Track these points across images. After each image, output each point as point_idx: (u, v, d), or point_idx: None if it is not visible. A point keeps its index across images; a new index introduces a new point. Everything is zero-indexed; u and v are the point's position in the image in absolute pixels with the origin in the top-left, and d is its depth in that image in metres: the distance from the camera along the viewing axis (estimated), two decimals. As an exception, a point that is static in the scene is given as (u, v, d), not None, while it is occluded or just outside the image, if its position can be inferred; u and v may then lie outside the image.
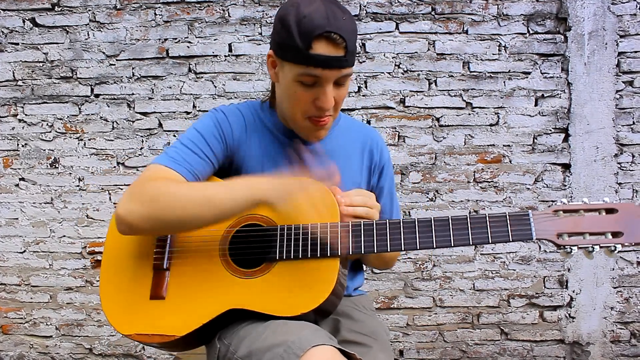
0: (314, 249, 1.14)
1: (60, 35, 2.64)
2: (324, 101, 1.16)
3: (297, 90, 1.17)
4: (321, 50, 1.10)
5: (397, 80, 2.62)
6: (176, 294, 1.19)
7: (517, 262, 2.64)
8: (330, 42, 1.10)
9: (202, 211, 1.11)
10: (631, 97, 2.60)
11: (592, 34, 2.57)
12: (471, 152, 2.63)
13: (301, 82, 1.16)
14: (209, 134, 1.26)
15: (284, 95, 1.23)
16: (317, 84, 1.15)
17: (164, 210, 1.11)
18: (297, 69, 1.14)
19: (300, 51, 1.11)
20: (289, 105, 1.22)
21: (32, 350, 2.72)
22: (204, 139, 1.24)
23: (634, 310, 2.65)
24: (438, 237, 1.11)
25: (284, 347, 0.99)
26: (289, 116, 1.25)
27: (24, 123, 2.67)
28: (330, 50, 1.11)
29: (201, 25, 2.62)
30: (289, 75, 1.17)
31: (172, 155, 1.21)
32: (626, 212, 1.05)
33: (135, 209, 1.12)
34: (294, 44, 1.11)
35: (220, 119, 1.30)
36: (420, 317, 2.67)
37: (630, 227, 1.03)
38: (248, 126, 1.32)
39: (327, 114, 1.20)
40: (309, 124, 1.22)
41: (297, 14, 1.11)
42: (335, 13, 1.12)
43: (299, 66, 1.13)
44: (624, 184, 2.61)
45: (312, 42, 1.10)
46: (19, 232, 2.68)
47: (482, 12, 2.60)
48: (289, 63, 1.15)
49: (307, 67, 1.12)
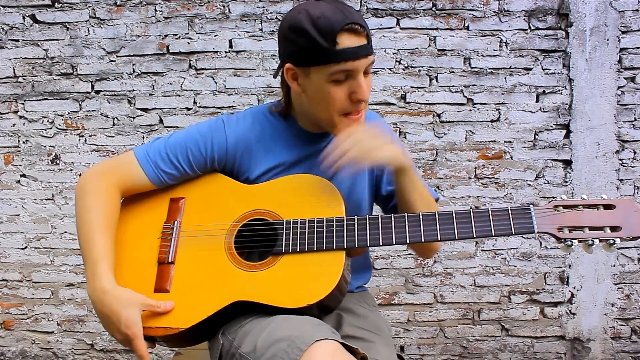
0: (320, 241, 1.15)
1: (60, 32, 2.64)
2: (362, 92, 1.16)
3: (330, 90, 1.16)
4: (347, 43, 1.11)
5: (398, 76, 2.61)
6: (181, 287, 1.20)
7: (518, 259, 2.64)
8: (353, 33, 1.12)
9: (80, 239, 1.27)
10: (633, 94, 2.59)
11: (594, 29, 2.57)
12: (472, 148, 2.63)
13: (334, 81, 1.15)
14: (191, 141, 1.29)
15: (316, 100, 1.20)
16: (350, 78, 1.15)
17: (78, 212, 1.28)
18: (327, 69, 1.13)
19: (326, 50, 1.11)
20: (324, 108, 1.20)
21: (34, 346, 2.73)
22: (186, 147, 1.28)
23: (634, 307, 2.65)
24: (442, 230, 1.13)
25: (288, 342, 0.99)
26: (326, 119, 1.22)
27: (24, 119, 2.67)
28: (354, 41, 1.12)
29: (201, 21, 2.62)
30: (318, 79, 1.16)
31: (149, 152, 1.29)
32: (624, 208, 1.09)
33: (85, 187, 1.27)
34: (318, 46, 1.11)
35: (215, 128, 1.31)
36: (421, 313, 2.67)
37: (627, 221, 1.08)
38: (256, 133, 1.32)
39: (362, 106, 1.20)
40: (346, 121, 1.20)
41: (309, 17, 1.11)
42: (344, 7, 1.14)
43: (329, 66, 1.12)
44: (626, 181, 2.61)
45: (336, 37, 1.10)
46: (20, 229, 2.69)
47: (483, 8, 2.59)
48: (316, 67, 1.14)
49: (338, 64, 1.12)
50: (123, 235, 1.28)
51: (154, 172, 1.27)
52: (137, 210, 1.32)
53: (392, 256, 2.64)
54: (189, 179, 1.32)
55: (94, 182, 1.27)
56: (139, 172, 1.27)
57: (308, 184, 1.23)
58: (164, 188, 1.32)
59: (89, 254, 1.21)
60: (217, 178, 1.31)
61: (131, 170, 1.28)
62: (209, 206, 1.27)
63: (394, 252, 2.64)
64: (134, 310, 1.14)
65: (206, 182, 1.29)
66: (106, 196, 1.25)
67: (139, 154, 1.28)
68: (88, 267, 1.20)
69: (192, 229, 1.25)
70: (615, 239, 1.06)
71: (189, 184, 1.32)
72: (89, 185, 1.26)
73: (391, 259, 2.64)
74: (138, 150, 1.29)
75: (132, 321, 1.13)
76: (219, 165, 1.32)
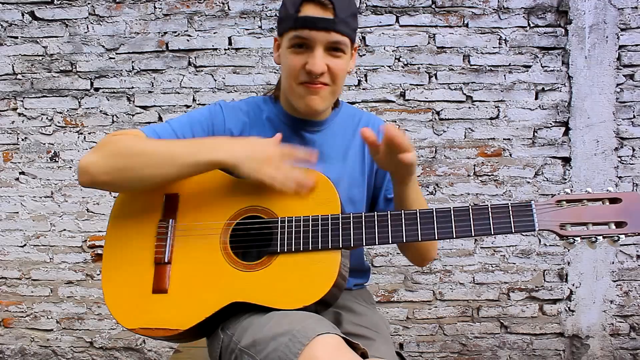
0: (315, 241, 1.14)
1: (59, 29, 2.63)
2: (312, 64, 1.17)
3: (290, 57, 1.21)
4: (308, 12, 1.16)
5: (397, 73, 2.61)
6: (178, 288, 1.19)
7: (517, 256, 2.65)
8: (317, 5, 1.16)
9: (163, 169, 1.14)
10: (632, 91, 2.60)
11: (593, 27, 2.57)
12: (471, 146, 2.63)
13: (292, 48, 1.20)
14: (196, 122, 1.30)
15: (283, 70, 1.26)
16: (307, 48, 1.19)
17: (128, 165, 1.14)
18: (289, 35, 1.19)
19: (290, 17, 1.17)
20: (285, 76, 1.24)
21: (33, 343, 2.73)
22: (190, 126, 1.29)
23: (633, 304, 2.65)
24: (439, 229, 1.11)
25: (289, 336, 0.99)
26: (286, 87, 1.26)
27: (23, 117, 2.66)
28: (317, 12, 1.16)
29: (201, 19, 2.61)
30: (285, 47, 1.22)
31: (156, 129, 1.27)
32: (630, 202, 1.03)
33: (98, 160, 1.16)
34: (286, 13, 1.18)
35: (214, 111, 1.33)
36: (420, 310, 2.67)
37: (634, 216, 1.02)
38: (249, 121, 1.33)
39: (318, 80, 1.20)
40: (302, 90, 1.23)
41: None
42: None
43: (290, 31, 1.19)
44: (624, 178, 2.61)
45: (300, 5, 1.16)
46: (20, 226, 2.68)
47: (483, 5, 2.59)
48: (284, 34, 1.21)
49: (295, 30, 1.17)
50: (118, 232, 1.27)
51: None
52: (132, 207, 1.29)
53: (391, 254, 2.64)
54: None
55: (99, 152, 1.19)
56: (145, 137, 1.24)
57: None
58: None
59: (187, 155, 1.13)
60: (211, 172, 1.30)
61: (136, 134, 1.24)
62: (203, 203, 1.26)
63: (393, 250, 2.64)
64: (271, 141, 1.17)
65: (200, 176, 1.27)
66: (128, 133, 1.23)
67: (146, 131, 1.26)
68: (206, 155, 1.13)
69: (187, 227, 1.24)
70: (621, 235, 1.01)
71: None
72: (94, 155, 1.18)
73: (390, 257, 2.65)
74: (144, 129, 1.27)
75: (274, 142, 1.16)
76: None
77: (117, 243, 1.26)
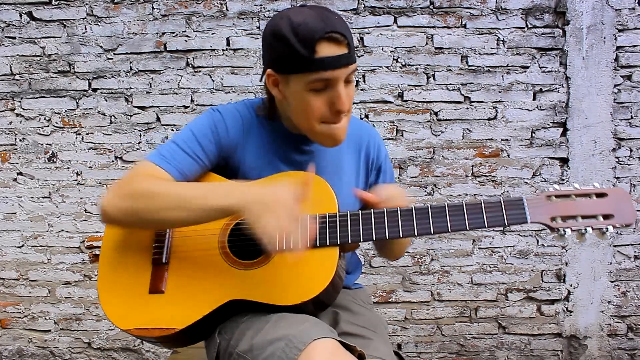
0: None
1: (57, 29, 2.63)
2: (341, 103, 1.14)
3: (309, 99, 1.14)
4: (326, 52, 1.09)
5: (395, 74, 2.61)
6: (176, 288, 1.19)
7: (515, 256, 2.65)
8: (332, 42, 1.09)
9: (178, 214, 1.11)
10: (629, 92, 2.60)
11: (591, 28, 2.57)
12: (469, 147, 2.63)
13: (313, 90, 1.13)
14: (201, 134, 1.24)
15: (296, 108, 1.19)
16: (329, 87, 1.13)
17: (141, 208, 1.12)
18: (306, 78, 1.11)
19: (304, 59, 1.08)
20: (304, 116, 1.18)
21: (31, 344, 2.72)
22: (196, 139, 1.23)
23: (631, 304, 2.66)
24: (435, 223, 1.13)
25: (286, 341, 0.99)
26: (306, 127, 1.21)
27: (21, 117, 2.66)
28: (334, 50, 1.10)
29: (199, 19, 2.61)
30: (297, 87, 1.14)
31: (163, 153, 1.21)
32: (615, 196, 1.10)
33: (116, 202, 1.14)
34: (297, 54, 1.09)
35: (216, 119, 1.27)
36: (418, 311, 2.67)
37: (619, 209, 1.08)
38: (246, 128, 1.30)
39: (342, 115, 1.18)
40: (326, 128, 1.19)
41: (290, 24, 1.09)
42: (327, 15, 1.12)
43: (307, 74, 1.11)
44: (622, 178, 2.62)
45: (315, 46, 1.08)
46: (17, 227, 2.68)
47: (481, 6, 2.59)
48: (295, 75, 1.13)
49: (316, 73, 1.10)
50: (116, 235, 1.27)
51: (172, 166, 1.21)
52: None
53: (389, 254, 2.64)
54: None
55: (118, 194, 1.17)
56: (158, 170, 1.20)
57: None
58: None
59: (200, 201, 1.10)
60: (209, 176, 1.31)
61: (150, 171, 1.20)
62: None
63: (391, 250, 2.64)
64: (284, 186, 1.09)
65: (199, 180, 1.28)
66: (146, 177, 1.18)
67: (153, 158, 1.22)
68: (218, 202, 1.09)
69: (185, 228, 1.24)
70: (608, 227, 1.07)
71: None
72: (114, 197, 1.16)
73: (388, 257, 2.65)
74: (150, 157, 1.23)
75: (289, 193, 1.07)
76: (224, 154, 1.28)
77: (114, 244, 1.27)
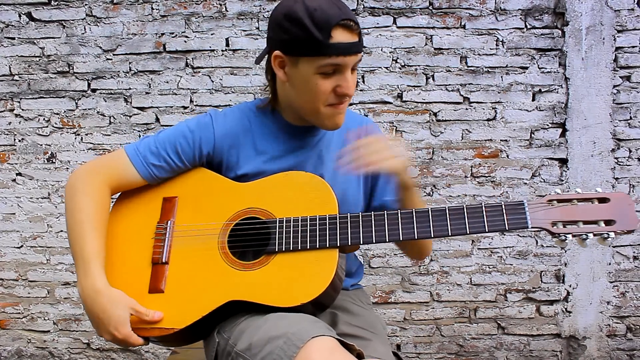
0: (313, 240, 1.15)
1: (56, 30, 2.63)
2: (347, 87, 1.19)
3: (317, 81, 1.18)
4: (340, 38, 1.13)
5: (395, 75, 2.61)
6: (175, 288, 1.20)
7: (514, 257, 2.65)
8: (347, 30, 1.14)
9: (70, 241, 1.23)
10: (628, 92, 2.60)
11: (590, 28, 2.57)
12: (468, 147, 2.63)
13: (322, 74, 1.17)
14: (180, 136, 1.29)
15: (301, 90, 1.22)
16: (337, 72, 1.18)
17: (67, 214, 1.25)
18: (318, 61, 1.15)
19: (320, 43, 1.12)
20: (309, 98, 1.21)
21: (30, 345, 2.72)
22: (175, 141, 1.29)
23: (630, 305, 2.66)
24: (435, 227, 1.13)
25: (284, 339, 1.00)
26: (310, 109, 1.24)
27: (20, 118, 2.66)
28: (348, 37, 1.14)
29: (198, 20, 2.61)
30: (306, 70, 1.17)
31: (140, 148, 1.29)
32: (618, 201, 1.08)
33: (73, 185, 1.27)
34: (312, 37, 1.12)
35: (203, 124, 1.32)
36: (417, 311, 2.67)
37: (622, 215, 1.07)
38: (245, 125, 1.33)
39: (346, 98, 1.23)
40: (330, 110, 1.22)
41: (306, 8, 1.13)
42: (340, 3, 1.16)
43: (319, 58, 1.14)
44: (621, 179, 2.62)
45: (331, 31, 1.12)
46: (16, 227, 2.68)
47: (480, 6, 2.59)
48: (306, 58, 1.16)
49: (329, 57, 1.14)
50: (116, 235, 1.28)
51: (144, 166, 1.28)
52: (130, 210, 1.31)
53: (388, 255, 2.65)
54: (181, 175, 1.32)
55: (84, 180, 1.27)
56: (129, 167, 1.28)
57: (301, 181, 1.23)
58: (156, 187, 1.32)
59: (80, 253, 1.20)
60: (209, 176, 1.31)
61: (121, 166, 1.28)
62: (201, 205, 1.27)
63: (390, 251, 2.64)
64: (125, 312, 1.15)
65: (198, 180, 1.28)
66: (97, 194, 1.25)
67: (129, 150, 1.29)
68: (80, 266, 1.19)
69: (186, 228, 1.24)
70: (610, 233, 1.05)
71: (181, 182, 1.32)
72: (80, 183, 1.26)
73: (387, 258, 2.65)
74: (128, 147, 1.30)
75: (121, 322, 1.14)
76: (207, 159, 1.32)
77: (114, 244, 1.27)
